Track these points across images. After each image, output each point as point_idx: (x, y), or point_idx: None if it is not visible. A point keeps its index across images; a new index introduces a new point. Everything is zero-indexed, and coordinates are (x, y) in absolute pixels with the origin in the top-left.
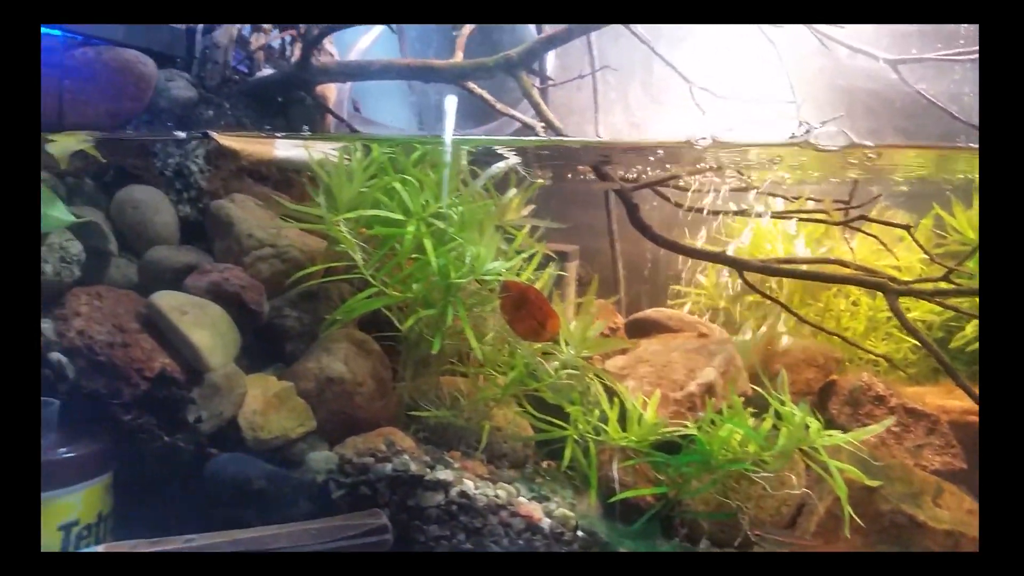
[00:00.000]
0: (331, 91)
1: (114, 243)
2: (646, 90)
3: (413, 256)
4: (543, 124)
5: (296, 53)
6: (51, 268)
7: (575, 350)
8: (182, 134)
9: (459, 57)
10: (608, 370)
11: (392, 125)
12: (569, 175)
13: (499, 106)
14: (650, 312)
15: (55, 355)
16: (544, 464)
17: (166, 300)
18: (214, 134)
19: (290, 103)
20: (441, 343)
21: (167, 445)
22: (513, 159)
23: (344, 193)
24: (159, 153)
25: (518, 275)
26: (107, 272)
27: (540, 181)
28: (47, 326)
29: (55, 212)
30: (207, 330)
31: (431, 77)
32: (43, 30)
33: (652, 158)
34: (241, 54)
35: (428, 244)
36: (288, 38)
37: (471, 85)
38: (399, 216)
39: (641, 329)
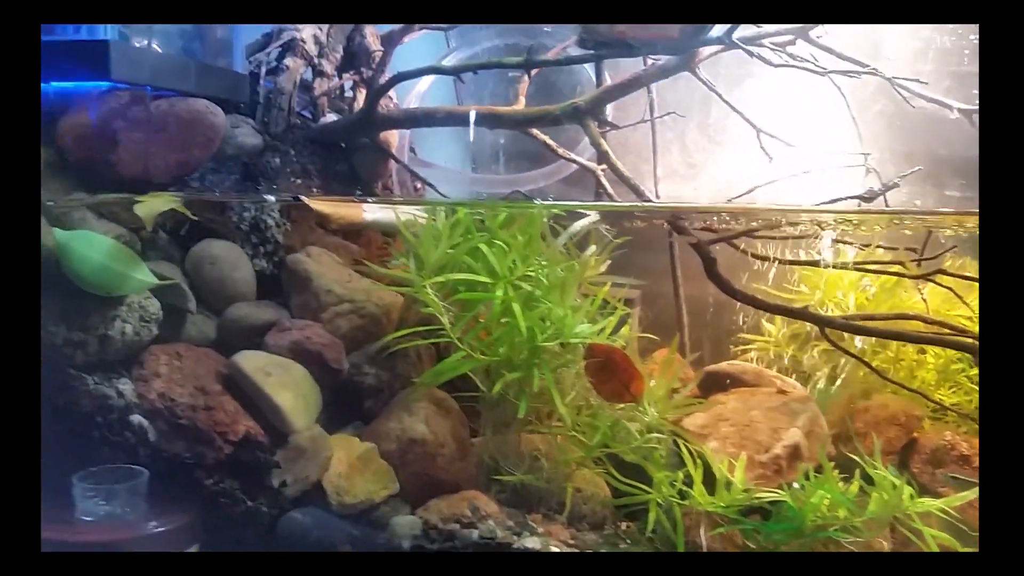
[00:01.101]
0: (393, 136)
1: (193, 302)
2: (703, 131)
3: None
4: (603, 168)
5: (359, 98)
6: (131, 328)
7: (658, 411)
8: (271, 198)
9: (521, 103)
10: (689, 429)
11: (447, 166)
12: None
13: (561, 151)
14: (724, 365)
15: (136, 418)
16: (623, 526)
17: (250, 361)
18: (305, 199)
19: (354, 149)
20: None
21: (249, 510)
22: (593, 216)
23: (430, 255)
24: (235, 206)
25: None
26: (184, 329)
27: (619, 240)
28: (126, 387)
29: (138, 274)
30: (291, 391)
31: (496, 124)
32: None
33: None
34: (304, 100)
35: (517, 308)
36: (350, 83)
37: (534, 130)
38: (487, 279)
39: (715, 383)
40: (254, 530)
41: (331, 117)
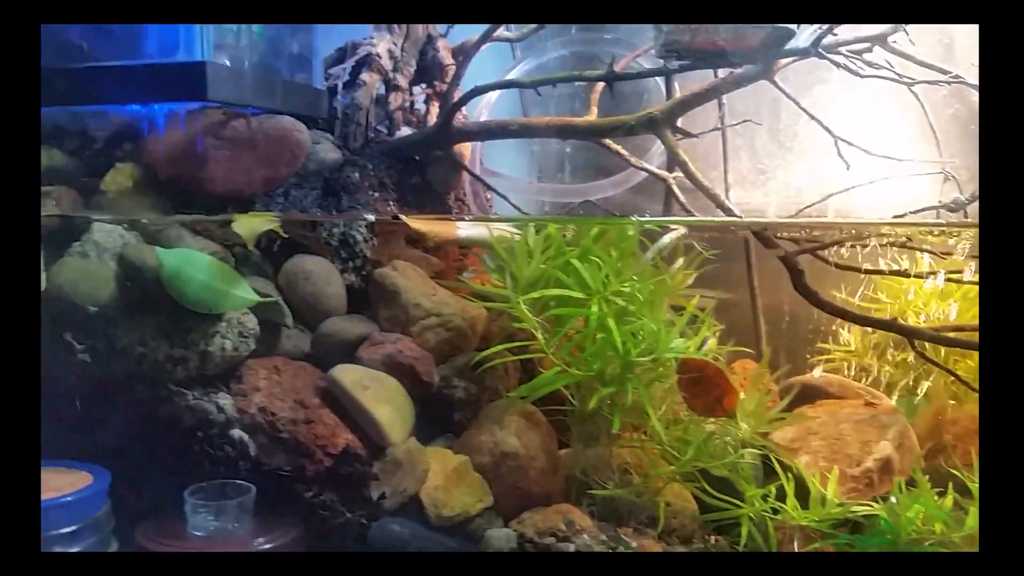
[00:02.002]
0: (466, 148)
1: (290, 317)
2: (773, 136)
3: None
4: (675, 176)
5: (432, 112)
6: (230, 343)
7: (751, 426)
8: (371, 217)
9: (593, 113)
10: (779, 443)
11: (512, 175)
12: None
13: (633, 160)
14: (809, 377)
15: (237, 432)
16: (713, 540)
17: (347, 375)
18: (405, 218)
19: (428, 161)
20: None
21: (349, 522)
22: (681, 229)
23: (523, 271)
24: (324, 222)
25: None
26: (280, 343)
27: (708, 253)
28: (226, 402)
29: (239, 292)
30: (388, 405)
31: (570, 135)
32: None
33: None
34: (380, 114)
35: (612, 324)
36: (424, 97)
37: (607, 141)
38: (581, 295)
39: (800, 396)
40: (353, 542)
41: (406, 131)
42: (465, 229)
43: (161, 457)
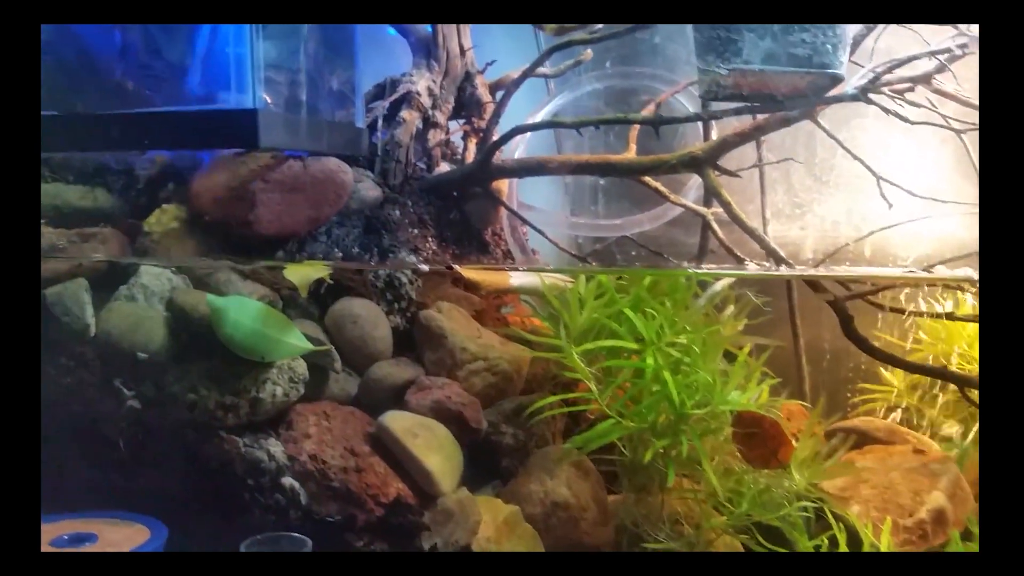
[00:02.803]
0: (504, 184)
1: (339, 362)
2: (809, 170)
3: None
4: (712, 212)
5: (470, 148)
6: (281, 390)
7: (806, 477)
8: (425, 267)
9: (632, 150)
10: (829, 492)
11: (546, 209)
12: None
13: (672, 197)
14: (856, 422)
15: (288, 480)
16: None
17: (398, 423)
18: (458, 268)
19: (466, 198)
20: (673, 473)
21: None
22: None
23: (576, 321)
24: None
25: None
26: (327, 387)
27: (760, 301)
28: (277, 449)
29: (292, 339)
30: (439, 454)
31: (609, 173)
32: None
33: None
34: (418, 150)
35: (668, 377)
36: (461, 133)
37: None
38: (634, 346)
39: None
40: None
41: (444, 167)
42: (517, 278)
43: (211, 506)
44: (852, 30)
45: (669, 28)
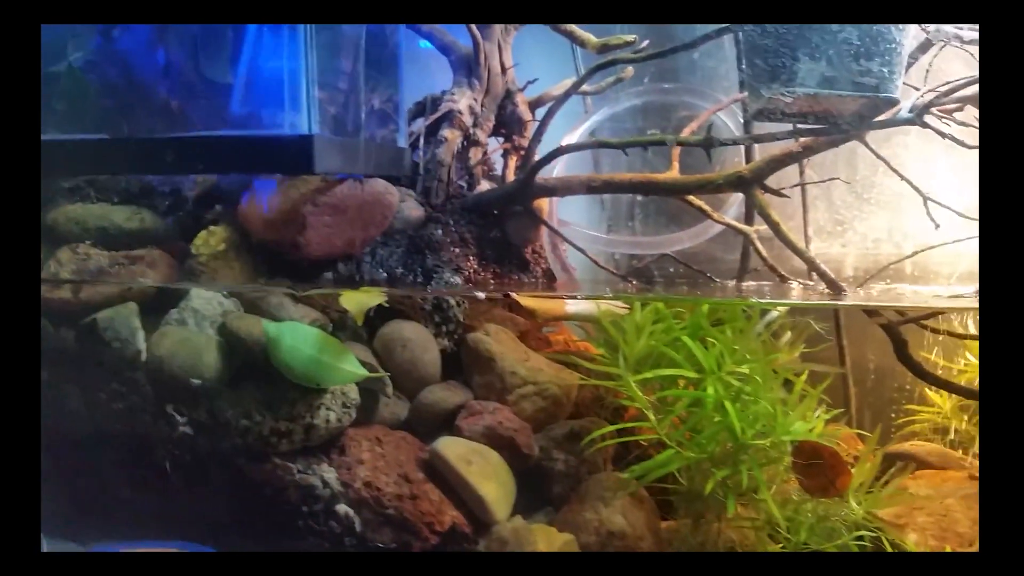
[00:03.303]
0: (545, 202)
1: (391, 387)
2: (850, 187)
3: (693, 410)
4: (755, 230)
5: (510, 166)
6: (334, 415)
7: (864, 505)
8: (481, 294)
9: (675, 169)
10: (885, 520)
11: (580, 225)
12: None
13: (715, 215)
14: (907, 446)
15: (342, 507)
16: None
17: (451, 449)
18: (515, 295)
19: (507, 216)
20: (733, 502)
21: None
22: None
23: (633, 348)
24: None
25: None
26: (378, 411)
27: (818, 327)
28: (330, 475)
29: (347, 366)
30: (493, 481)
31: (653, 192)
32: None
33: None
34: (460, 169)
35: (730, 407)
36: (502, 151)
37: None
38: (694, 375)
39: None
40: None
41: (485, 185)
42: (573, 305)
43: (265, 533)
44: (907, 51)
45: (708, 43)
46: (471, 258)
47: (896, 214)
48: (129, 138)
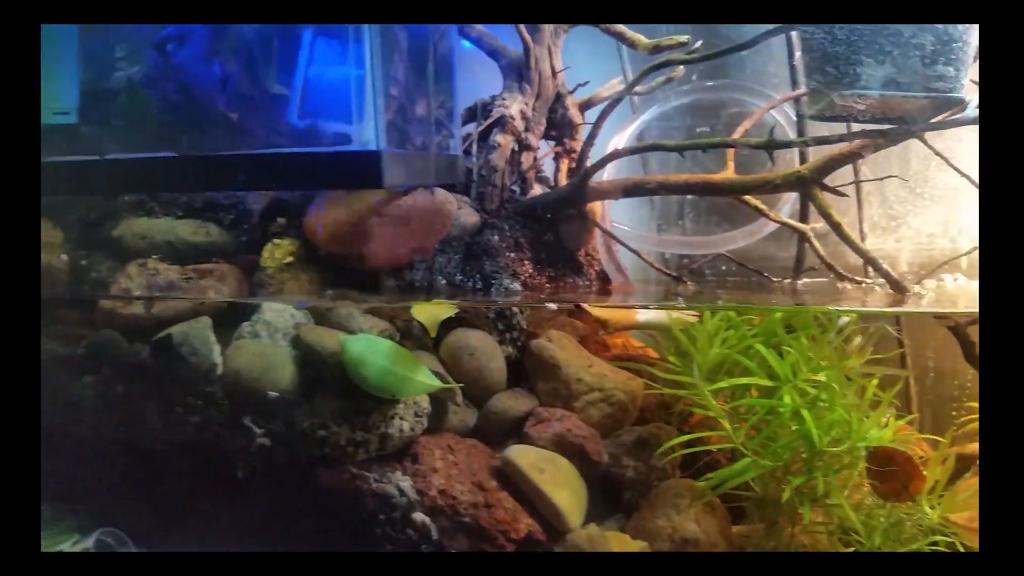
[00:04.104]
0: (598, 204)
1: (460, 396)
2: (903, 183)
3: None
4: (812, 228)
5: (561, 170)
6: (407, 424)
7: (939, 510)
8: (553, 306)
9: (730, 169)
10: (958, 523)
11: (629, 227)
12: None
13: (772, 214)
14: (974, 447)
15: (419, 515)
16: None
17: (524, 457)
18: (586, 306)
19: (560, 220)
20: (809, 509)
21: None
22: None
23: (706, 357)
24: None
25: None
26: (447, 419)
27: (894, 331)
28: (406, 484)
29: (420, 377)
30: (566, 489)
31: (710, 193)
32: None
33: None
34: (512, 173)
35: (807, 415)
36: (553, 155)
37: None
38: (769, 383)
39: (963, 466)
40: None
41: (537, 190)
42: (644, 314)
43: (343, 542)
44: (973, 49)
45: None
46: (526, 262)
47: (951, 208)
48: (199, 156)
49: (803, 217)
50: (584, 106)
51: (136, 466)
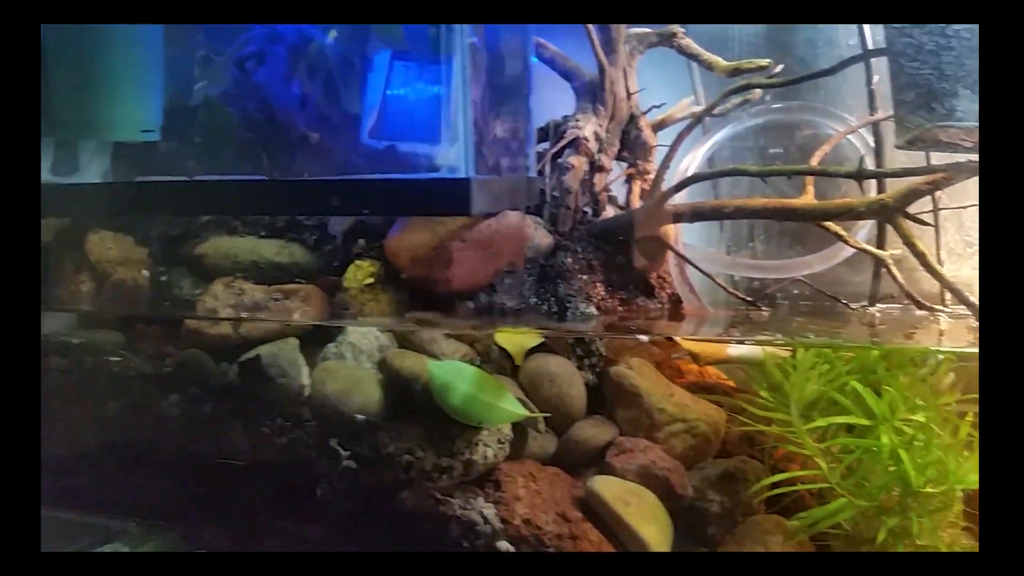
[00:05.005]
0: (671, 228)
1: (543, 424)
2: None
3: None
4: (891, 255)
5: (634, 191)
6: (491, 451)
7: None
8: (644, 337)
9: (809, 193)
10: None
11: (700, 246)
12: None
13: (852, 241)
14: None
15: (504, 544)
16: None
17: (609, 489)
18: (678, 339)
19: (634, 242)
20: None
21: None
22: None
23: (802, 393)
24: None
25: None
26: (527, 445)
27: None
28: (490, 511)
29: (507, 405)
30: (652, 523)
31: (790, 218)
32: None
33: None
34: (585, 195)
35: (904, 455)
36: (625, 178)
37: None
38: (867, 422)
39: None
40: None
41: (609, 211)
42: (736, 348)
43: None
44: None
45: (829, 62)
46: (598, 285)
47: None
48: (293, 180)
49: (880, 244)
50: (657, 127)
51: (221, 485)
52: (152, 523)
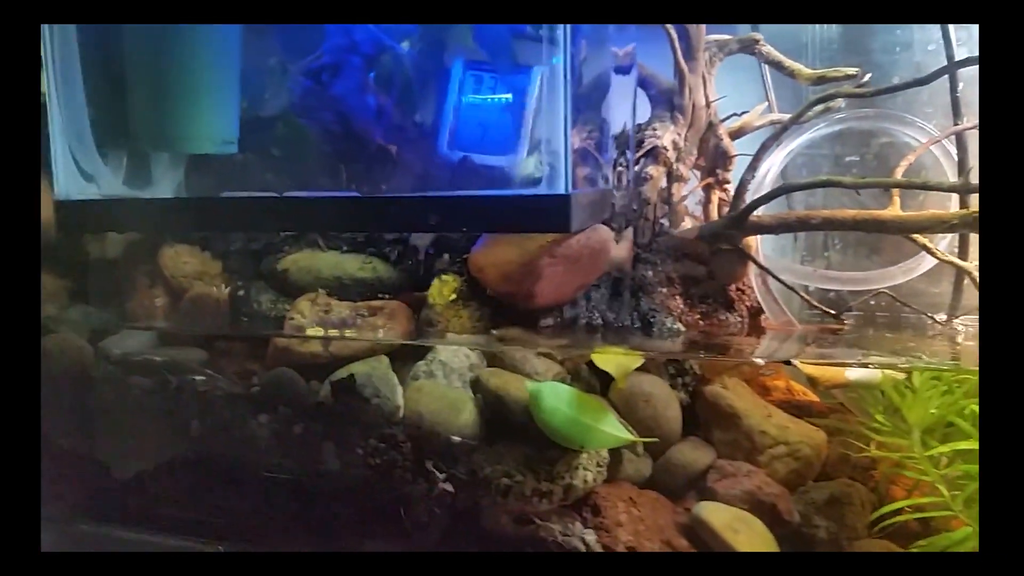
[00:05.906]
0: (753, 239)
1: (642, 447)
2: None
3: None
4: (974, 270)
5: (712, 202)
6: (591, 475)
7: None
8: (761, 361)
9: (896, 204)
10: None
11: (774, 256)
12: None
13: (939, 253)
14: None
15: None
16: None
17: (716, 516)
18: (796, 362)
19: (715, 253)
20: None
21: None
22: None
23: (922, 418)
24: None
25: None
26: (622, 467)
27: None
28: (590, 538)
29: (608, 428)
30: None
31: (878, 230)
32: None
33: None
34: (663, 206)
35: None
36: (704, 188)
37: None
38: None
39: None
40: None
41: (688, 223)
42: (854, 372)
43: None
44: None
45: (907, 68)
46: (678, 297)
47: None
48: (387, 197)
49: (962, 255)
50: (734, 135)
51: (310, 506)
52: (242, 543)
